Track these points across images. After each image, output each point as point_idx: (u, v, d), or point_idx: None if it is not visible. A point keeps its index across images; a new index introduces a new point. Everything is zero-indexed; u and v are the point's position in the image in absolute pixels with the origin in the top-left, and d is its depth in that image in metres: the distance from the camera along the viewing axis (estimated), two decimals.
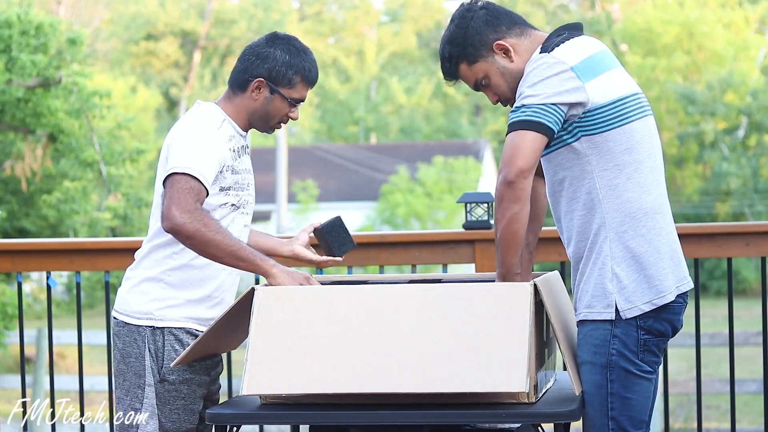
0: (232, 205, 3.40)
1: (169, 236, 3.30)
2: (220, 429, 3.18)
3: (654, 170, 3.14)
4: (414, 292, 3.05)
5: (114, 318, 3.45)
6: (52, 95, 13.81)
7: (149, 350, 3.35)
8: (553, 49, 3.08)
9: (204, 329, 3.39)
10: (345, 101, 43.29)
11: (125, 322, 3.39)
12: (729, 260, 4.47)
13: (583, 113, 3.06)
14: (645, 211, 3.09)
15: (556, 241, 3.71)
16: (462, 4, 3.24)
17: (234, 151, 3.39)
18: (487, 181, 32.17)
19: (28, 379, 11.68)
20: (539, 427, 3.16)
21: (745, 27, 36.00)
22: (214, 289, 3.40)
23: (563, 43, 3.10)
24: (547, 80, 3.03)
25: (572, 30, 3.19)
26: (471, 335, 2.98)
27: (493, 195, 3.13)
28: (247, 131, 3.46)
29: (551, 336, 3.33)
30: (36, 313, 17.53)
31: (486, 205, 4.56)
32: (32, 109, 13.86)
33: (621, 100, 3.09)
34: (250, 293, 3.12)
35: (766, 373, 4.47)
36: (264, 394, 3.06)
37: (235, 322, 3.26)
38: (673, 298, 3.09)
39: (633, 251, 3.07)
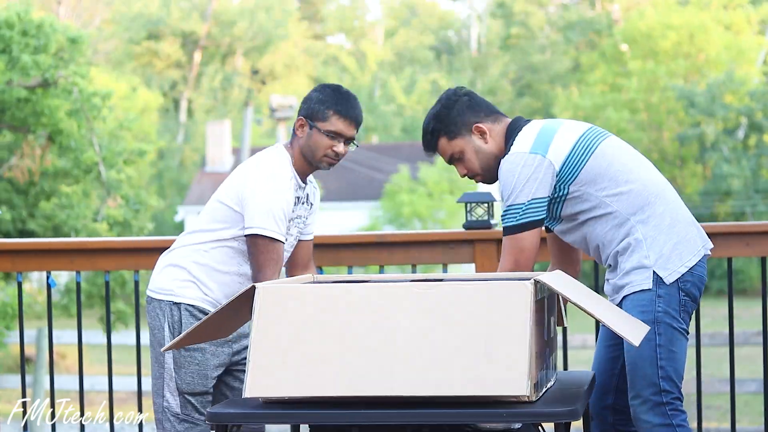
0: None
1: (202, 237, 3.83)
2: (221, 429, 3.18)
3: (640, 164, 3.63)
4: (414, 292, 3.05)
5: (146, 294, 3.93)
6: (51, 95, 13.81)
7: (168, 322, 3.83)
8: (509, 149, 3.59)
9: None
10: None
11: (151, 297, 3.89)
12: (729, 260, 4.47)
13: (558, 173, 3.55)
14: (655, 193, 3.56)
15: None
16: (449, 89, 3.73)
17: (296, 198, 3.86)
18: None
19: (28, 379, 11.69)
20: (540, 427, 3.16)
21: (746, 28, 36.01)
22: (224, 296, 3.84)
23: (515, 139, 3.60)
24: (524, 174, 3.52)
25: (517, 123, 3.67)
26: (471, 335, 2.98)
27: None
28: (306, 177, 3.90)
29: (553, 335, 3.33)
30: (36, 313, 17.53)
31: (486, 205, 4.56)
32: (32, 109, 13.86)
33: (577, 142, 3.58)
34: (250, 291, 3.12)
35: (766, 373, 4.48)
36: (266, 397, 3.06)
37: (230, 315, 3.28)
38: (701, 257, 3.56)
39: (661, 226, 3.52)
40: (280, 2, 45.87)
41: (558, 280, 3.17)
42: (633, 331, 3.19)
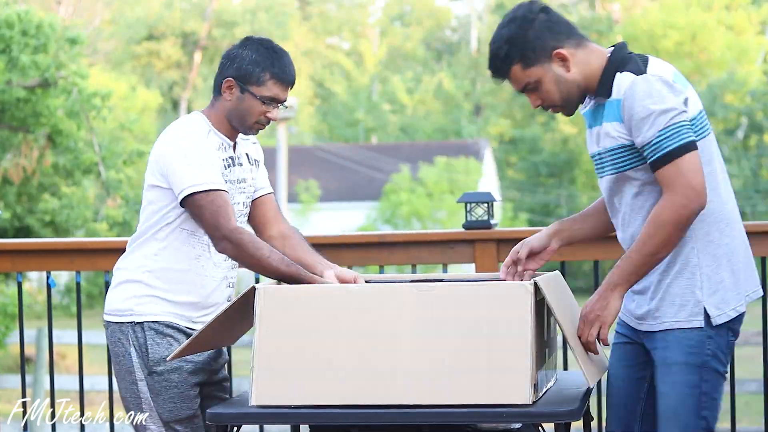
0: None
1: (148, 239, 3.47)
2: (221, 429, 3.18)
3: (726, 181, 3.19)
4: (415, 293, 3.05)
5: (103, 321, 3.55)
6: (51, 95, 13.81)
7: (133, 347, 3.42)
8: (646, 70, 3.07)
9: (185, 323, 3.46)
10: (346, 101, 43.28)
11: (109, 322, 3.50)
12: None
13: None
14: (728, 221, 3.15)
15: None
16: (522, 4, 3.20)
17: (223, 160, 3.48)
18: (488, 181, 32.17)
19: (28, 379, 11.68)
20: (540, 427, 3.16)
21: (748, 28, 36.00)
22: (203, 297, 3.49)
23: (648, 62, 3.10)
24: (672, 98, 3.02)
25: (629, 50, 3.19)
26: (472, 340, 2.97)
27: (663, 214, 3.03)
28: (234, 138, 3.53)
29: (553, 335, 3.32)
30: (36, 313, 17.52)
31: (486, 205, 4.55)
32: (32, 109, 13.86)
33: (701, 113, 3.13)
34: (251, 292, 3.12)
35: (766, 373, 4.47)
36: (272, 405, 3.06)
37: (233, 319, 3.27)
38: (751, 301, 3.20)
39: (720, 260, 3.12)
40: (281, 3, 45.84)
41: (551, 289, 3.16)
42: (593, 371, 3.14)
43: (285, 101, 3.45)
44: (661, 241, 3.02)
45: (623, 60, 3.13)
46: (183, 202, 3.36)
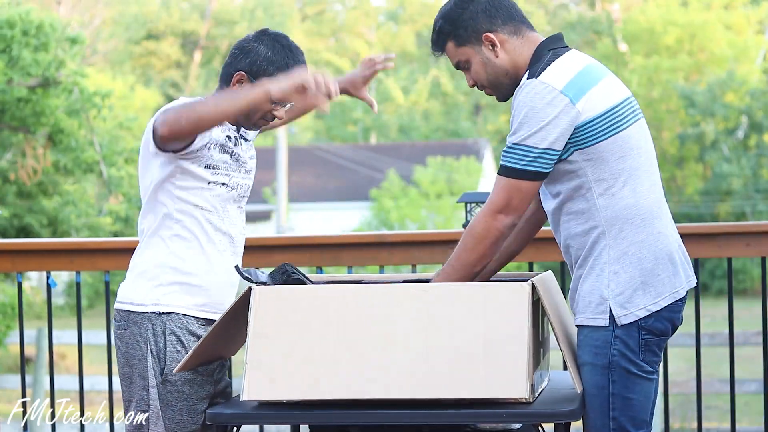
0: (223, 184, 3.37)
1: (159, 232, 3.34)
2: (221, 429, 3.18)
3: (650, 174, 3.15)
4: (411, 293, 3.05)
5: (116, 312, 3.40)
6: (52, 95, 13.82)
7: (151, 352, 3.31)
8: (539, 74, 3.08)
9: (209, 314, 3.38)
10: (344, 101, 43.25)
11: (128, 311, 3.35)
12: (729, 260, 4.47)
13: (575, 130, 3.06)
14: (643, 216, 3.10)
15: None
16: None
17: (226, 134, 3.38)
18: (488, 181, 32.16)
19: (28, 379, 11.67)
20: (539, 427, 3.16)
21: (747, 28, 36.01)
22: (209, 299, 3.39)
23: (549, 65, 3.10)
24: (546, 114, 3.04)
25: (555, 44, 3.19)
26: (470, 338, 2.97)
27: (474, 223, 3.12)
28: (237, 127, 3.44)
29: (546, 335, 3.33)
30: (36, 313, 17.53)
31: None
32: (32, 108, 13.86)
33: (612, 109, 3.09)
34: (247, 294, 3.12)
35: (766, 373, 4.47)
36: (264, 400, 3.05)
37: (235, 325, 3.26)
38: (668, 303, 3.10)
39: (630, 258, 3.08)
40: (280, 3, 45.85)
41: (546, 290, 3.17)
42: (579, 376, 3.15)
43: (293, 101, 3.32)
44: (473, 253, 3.11)
45: (537, 58, 3.15)
46: (155, 130, 3.23)
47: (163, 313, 3.31)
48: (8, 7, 14.04)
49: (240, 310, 3.17)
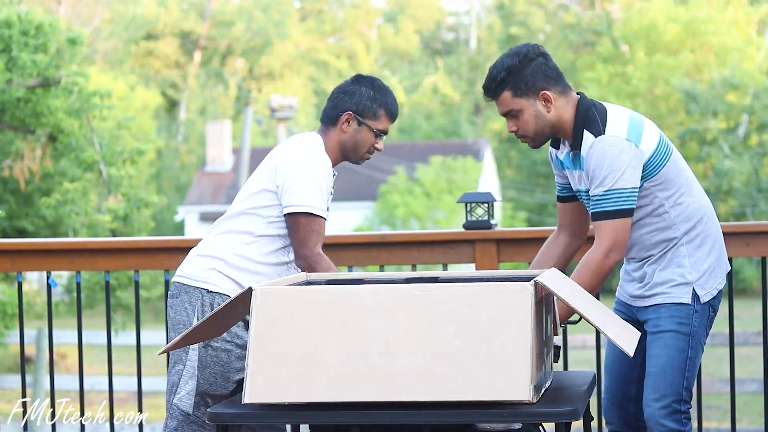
0: None
1: (243, 226, 3.77)
2: (221, 429, 3.18)
3: (696, 181, 3.78)
4: (413, 293, 3.05)
5: (173, 283, 3.82)
6: (52, 95, 13.80)
7: (197, 318, 3.71)
8: (604, 131, 3.60)
9: None
10: None
11: (182, 284, 3.77)
12: (729, 260, 4.46)
13: (644, 166, 3.62)
14: (707, 214, 3.74)
15: None
16: (528, 44, 3.69)
17: (329, 193, 3.84)
18: (487, 181, 32.17)
19: (28, 379, 11.68)
20: (540, 427, 3.16)
21: (747, 27, 36.00)
22: None
23: (606, 122, 3.61)
24: (623, 160, 3.57)
25: (589, 102, 3.68)
26: (473, 338, 2.97)
27: (589, 260, 3.60)
28: (335, 165, 3.88)
29: (549, 335, 3.32)
30: (36, 313, 17.53)
31: (486, 205, 4.55)
32: (32, 108, 13.85)
33: (660, 141, 3.66)
34: (247, 293, 3.12)
35: (766, 373, 4.48)
36: (266, 402, 3.05)
37: (221, 317, 3.27)
38: (723, 285, 3.78)
39: (704, 249, 3.71)
40: (280, 2, 45.84)
41: (557, 283, 3.16)
42: (627, 340, 3.18)
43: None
44: (588, 286, 3.58)
45: (587, 118, 3.64)
46: (288, 213, 3.72)
47: (212, 292, 3.74)
48: (8, 7, 14.03)
49: (235, 304, 3.18)
